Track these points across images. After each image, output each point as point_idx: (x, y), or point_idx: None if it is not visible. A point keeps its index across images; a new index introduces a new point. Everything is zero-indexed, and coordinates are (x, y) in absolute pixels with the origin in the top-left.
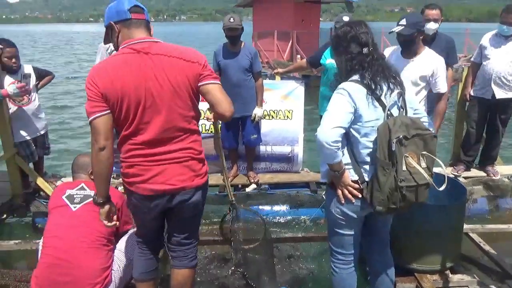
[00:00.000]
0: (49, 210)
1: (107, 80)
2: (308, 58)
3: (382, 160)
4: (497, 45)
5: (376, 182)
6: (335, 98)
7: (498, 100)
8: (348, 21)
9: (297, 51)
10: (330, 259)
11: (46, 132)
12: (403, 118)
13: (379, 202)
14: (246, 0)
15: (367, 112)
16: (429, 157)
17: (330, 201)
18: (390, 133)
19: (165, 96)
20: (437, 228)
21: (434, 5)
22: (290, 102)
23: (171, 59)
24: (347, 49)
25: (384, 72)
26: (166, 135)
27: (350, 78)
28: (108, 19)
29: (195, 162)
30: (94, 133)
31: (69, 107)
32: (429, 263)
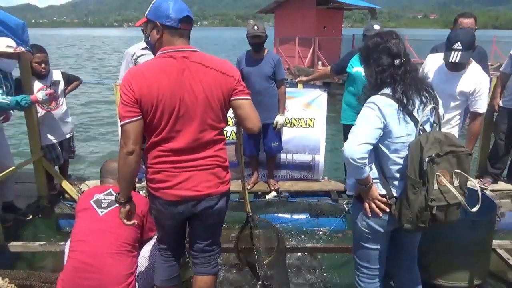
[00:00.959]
0: (76, 214)
1: (144, 86)
2: (333, 66)
3: (412, 179)
4: None
5: (406, 200)
6: (364, 112)
7: None
8: (378, 31)
9: (319, 57)
10: (355, 272)
11: (72, 136)
12: (436, 134)
13: (407, 220)
14: (268, 7)
15: (398, 127)
16: (462, 176)
17: (357, 214)
18: (422, 151)
19: (199, 107)
20: (465, 243)
21: (468, 14)
22: (312, 110)
23: (207, 70)
24: (377, 61)
25: (417, 85)
26: (195, 144)
27: (381, 92)
28: (156, 17)
29: (220, 170)
30: (124, 137)
31: (94, 111)
32: (456, 280)
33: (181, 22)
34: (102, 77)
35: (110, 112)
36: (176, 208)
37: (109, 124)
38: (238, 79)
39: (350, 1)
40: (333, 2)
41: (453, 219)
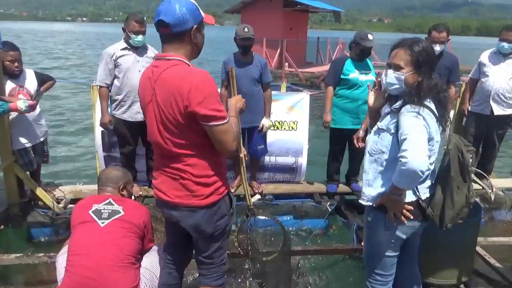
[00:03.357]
0: (72, 225)
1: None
2: (330, 82)
3: (458, 180)
4: (496, 62)
5: (450, 200)
6: (415, 124)
7: (496, 116)
8: (418, 39)
9: (286, 59)
10: (367, 280)
11: (45, 139)
12: (455, 136)
13: (450, 219)
14: (235, 7)
15: (435, 136)
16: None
17: (379, 224)
18: (462, 153)
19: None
20: (454, 244)
21: (442, 27)
22: (296, 113)
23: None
24: (431, 70)
25: (439, 95)
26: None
27: (421, 101)
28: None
29: (190, 183)
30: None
31: (66, 112)
32: (445, 278)
33: (156, 26)
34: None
35: (83, 113)
36: (162, 209)
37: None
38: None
39: (316, 4)
40: (299, 4)
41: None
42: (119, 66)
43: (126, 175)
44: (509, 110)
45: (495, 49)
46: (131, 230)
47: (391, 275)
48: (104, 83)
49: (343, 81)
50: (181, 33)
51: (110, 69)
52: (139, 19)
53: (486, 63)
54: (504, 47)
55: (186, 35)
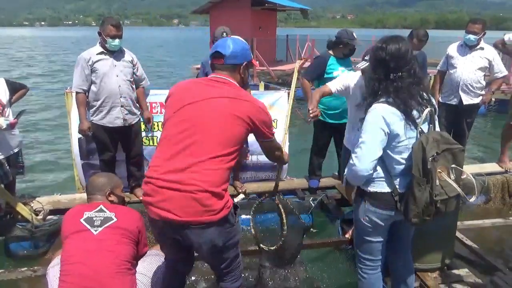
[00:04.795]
0: (64, 235)
1: None
2: (308, 76)
3: (417, 177)
4: (463, 54)
5: (412, 196)
6: (370, 125)
7: (465, 105)
8: (385, 39)
9: (257, 58)
10: (357, 265)
11: (20, 150)
12: (434, 134)
13: (414, 215)
14: (203, 7)
15: (401, 132)
16: (457, 170)
17: (359, 209)
18: (425, 152)
19: None
20: (436, 229)
21: (420, 33)
22: (275, 111)
23: None
24: (376, 71)
25: (412, 93)
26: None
27: (383, 99)
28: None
29: (205, 196)
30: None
31: (41, 120)
32: (429, 262)
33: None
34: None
35: (58, 121)
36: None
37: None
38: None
39: (284, 2)
40: (267, 2)
41: (451, 209)
42: (96, 71)
43: (112, 180)
44: (477, 99)
45: (462, 42)
46: (125, 236)
47: (379, 260)
48: (81, 88)
49: (326, 79)
50: (232, 65)
51: (87, 74)
52: (115, 23)
53: (454, 55)
54: (470, 39)
55: (237, 69)
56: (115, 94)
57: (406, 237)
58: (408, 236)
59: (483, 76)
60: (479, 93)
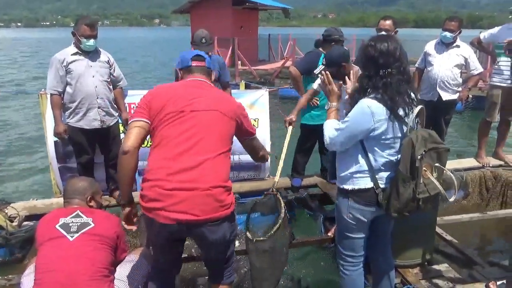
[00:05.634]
0: (39, 242)
1: None
2: (299, 68)
3: (403, 174)
4: (440, 51)
5: (395, 192)
6: (356, 115)
7: (443, 101)
8: (375, 37)
9: (239, 57)
10: (338, 262)
11: None
12: (422, 132)
13: (395, 209)
14: (183, 6)
15: (387, 129)
16: (440, 169)
17: (342, 207)
18: (414, 149)
19: None
20: (416, 225)
21: (387, 16)
22: (256, 110)
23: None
24: (365, 67)
25: (400, 91)
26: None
27: (372, 95)
28: (177, 66)
29: (220, 191)
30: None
31: (9, 123)
32: (410, 258)
33: (192, 60)
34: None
35: (32, 124)
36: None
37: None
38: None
39: (265, 2)
40: (248, 2)
41: (430, 207)
42: (71, 72)
43: (93, 185)
44: (455, 96)
45: (439, 39)
46: (102, 242)
47: (361, 256)
48: (56, 90)
49: (316, 77)
50: (209, 69)
51: (62, 75)
52: (89, 22)
53: (431, 52)
54: (447, 37)
55: (211, 73)
56: (91, 95)
57: (386, 233)
58: (387, 231)
59: (459, 73)
60: (456, 89)
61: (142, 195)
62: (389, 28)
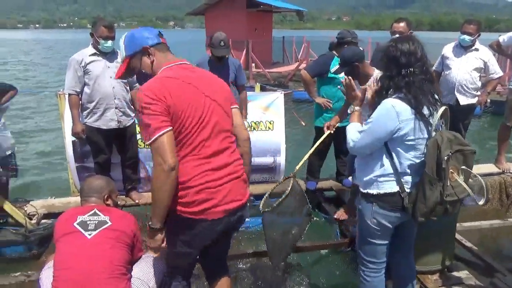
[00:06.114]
0: (56, 239)
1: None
2: (310, 71)
3: (430, 176)
4: (458, 55)
5: (422, 195)
6: (381, 115)
7: (461, 106)
8: (396, 38)
9: (253, 60)
10: (359, 268)
11: (13, 152)
12: (447, 134)
13: (422, 213)
14: (198, 9)
15: (412, 129)
16: (467, 171)
17: (366, 212)
18: (440, 150)
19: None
20: (437, 230)
21: (400, 19)
22: (271, 113)
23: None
24: (387, 68)
25: (424, 91)
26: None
27: (396, 95)
28: (138, 45)
29: (244, 171)
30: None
31: (29, 122)
32: (430, 264)
33: (160, 36)
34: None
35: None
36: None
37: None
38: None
39: (279, 4)
40: (262, 4)
41: (456, 211)
42: (88, 73)
43: (110, 184)
44: (473, 100)
45: (457, 42)
46: (120, 240)
47: (383, 262)
48: (74, 90)
49: (328, 79)
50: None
51: (80, 76)
52: (107, 24)
53: (449, 56)
54: (465, 40)
55: None
56: (109, 95)
57: (409, 239)
58: (411, 237)
59: (478, 77)
60: (474, 93)
61: (188, 202)
62: (403, 30)
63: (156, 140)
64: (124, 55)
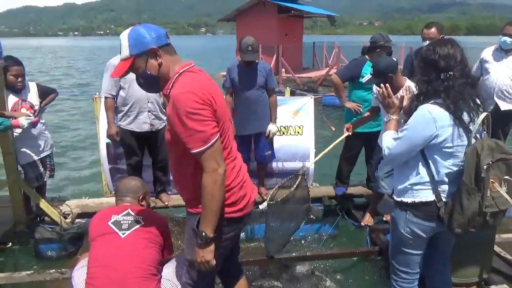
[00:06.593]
0: (92, 238)
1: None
2: (341, 76)
3: (468, 185)
4: (498, 59)
5: (459, 205)
6: (417, 122)
7: (502, 112)
8: (434, 42)
9: (283, 65)
10: (391, 277)
11: (51, 152)
12: (489, 141)
13: (459, 224)
14: (230, 15)
15: (450, 136)
16: (510, 182)
17: (399, 220)
18: (479, 159)
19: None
20: (474, 241)
21: (430, 24)
22: (301, 117)
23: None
24: (425, 72)
25: (464, 96)
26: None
27: (434, 100)
28: (145, 45)
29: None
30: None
31: (65, 124)
32: (467, 276)
33: (167, 37)
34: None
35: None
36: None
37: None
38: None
39: (310, 9)
40: (293, 10)
41: (497, 224)
42: (124, 77)
43: (145, 186)
44: None
45: (497, 46)
46: (151, 240)
47: (416, 273)
48: (110, 94)
49: (360, 84)
50: None
51: (116, 80)
52: None
53: (489, 59)
54: (506, 42)
55: None
56: (143, 99)
57: (446, 250)
58: (448, 248)
59: None
60: None
61: (233, 201)
62: (433, 36)
63: (212, 146)
64: (128, 53)
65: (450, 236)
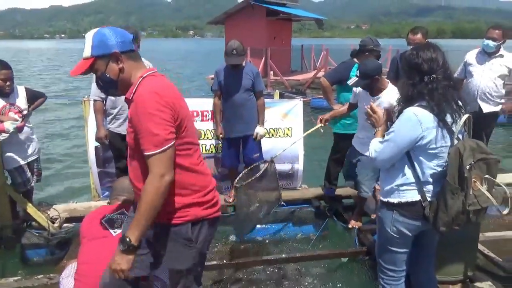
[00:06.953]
0: (83, 235)
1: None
2: (329, 79)
3: (451, 185)
4: (481, 62)
5: (443, 204)
6: (402, 124)
7: (484, 113)
8: (417, 47)
9: (271, 67)
10: (379, 275)
11: (38, 156)
12: (470, 142)
13: (444, 223)
14: (218, 18)
15: (435, 137)
16: (490, 180)
17: (385, 219)
18: (462, 159)
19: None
20: (458, 239)
21: (416, 30)
22: (290, 120)
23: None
24: (408, 75)
25: (447, 98)
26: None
27: (418, 103)
28: (108, 48)
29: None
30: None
31: (53, 127)
32: (452, 274)
33: (135, 43)
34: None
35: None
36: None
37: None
38: None
39: (299, 13)
40: (282, 13)
41: (480, 220)
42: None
43: None
44: (497, 108)
45: (481, 49)
46: None
47: (403, 271)
48: (99, 97)
49: (348, 86)
50: None
51: None
52: (131, 32)
53: (472, 62)
54: (489, 45)
55: None
56: None
57: (431, 248)
58: (432, 246)
59: (502, 84)
60: (498, 101)
61: (198, 202)
62: (419, 41)
63: (164, 152)
64: (90, 53)
65: (433, 235)
